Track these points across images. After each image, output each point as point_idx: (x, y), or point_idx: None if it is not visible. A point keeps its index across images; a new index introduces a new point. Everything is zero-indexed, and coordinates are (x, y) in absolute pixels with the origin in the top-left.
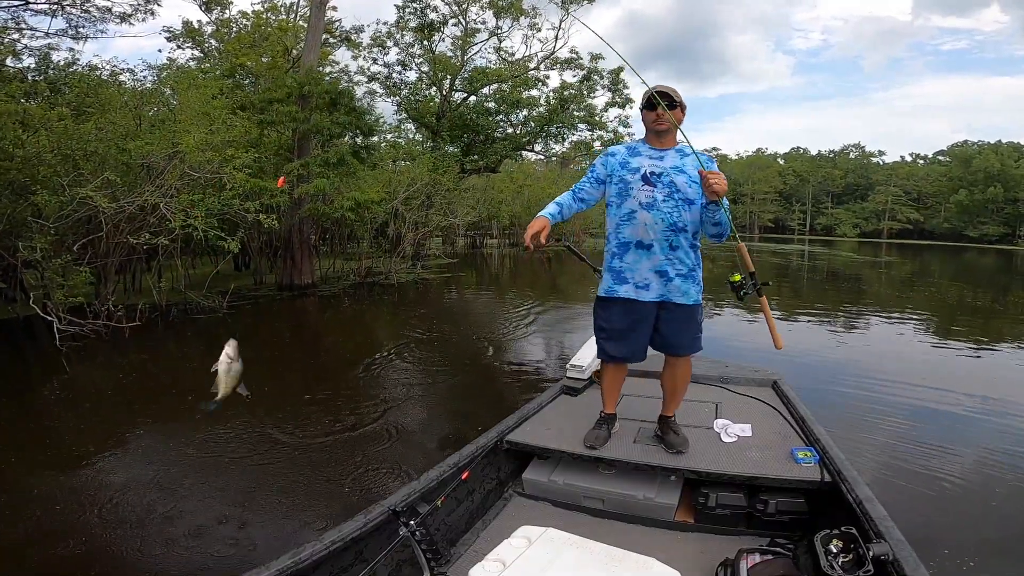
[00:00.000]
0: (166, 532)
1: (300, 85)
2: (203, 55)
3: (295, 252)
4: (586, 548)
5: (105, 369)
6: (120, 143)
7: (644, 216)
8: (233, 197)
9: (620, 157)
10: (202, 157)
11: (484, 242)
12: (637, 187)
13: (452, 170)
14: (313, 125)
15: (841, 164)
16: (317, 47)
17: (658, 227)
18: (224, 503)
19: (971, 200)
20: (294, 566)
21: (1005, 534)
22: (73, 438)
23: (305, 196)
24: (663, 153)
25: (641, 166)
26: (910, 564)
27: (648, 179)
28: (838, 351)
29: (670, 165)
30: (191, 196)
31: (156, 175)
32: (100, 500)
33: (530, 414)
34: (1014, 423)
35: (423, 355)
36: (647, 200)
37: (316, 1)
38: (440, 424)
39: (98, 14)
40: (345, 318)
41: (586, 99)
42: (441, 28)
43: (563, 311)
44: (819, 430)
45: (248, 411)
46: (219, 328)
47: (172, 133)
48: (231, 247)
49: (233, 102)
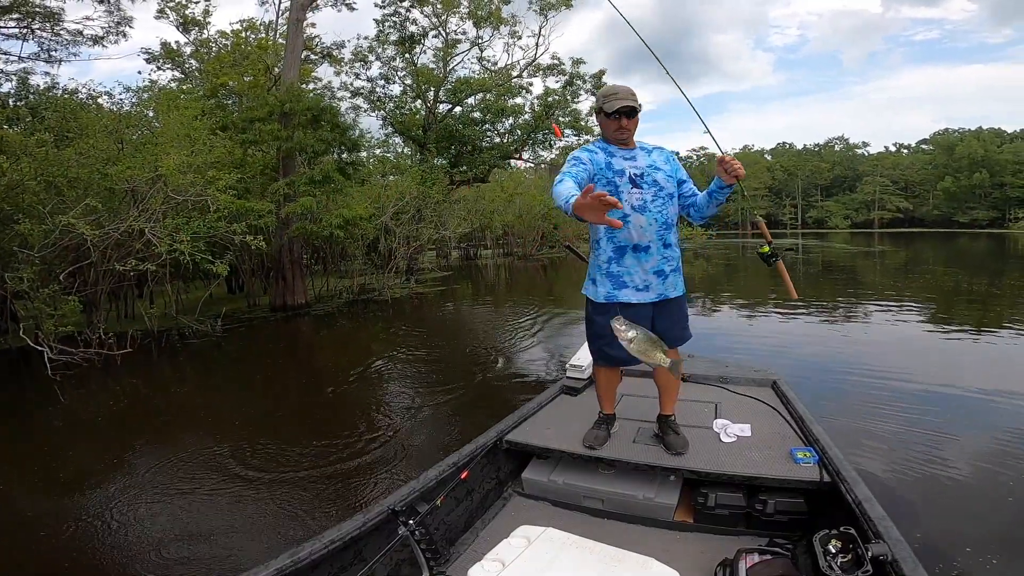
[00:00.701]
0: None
1: (281, 103)
2: (184, 76)
3: (286, 272)
4: (585, 548)
5: (95, 397)
6: (101, 168)
7: (638, 219)
8: (218, 219)
9: (603, 157)
10: (184, 180)
11: (478, 253)
12: (627, 191)
13: (441, 182)
14: (296, 143)
15: (827, 157)
16: (296, 64)
17: (652, 228)
18: (194, 520)
19: (957, 187)
20: (293, 566)
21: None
22: (60, 464)
23: (292, 215)
24: (633, 153)
25: (623, 168)
26: (909, 564)
27: (635, 181)
28: (838, 343)
29: (646, 164)
30: (176, 220)
31: (140, 200)
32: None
33: (530, 414)
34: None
35: (417, 372)
36: (638, 203)
37: (293, 18)
38: (443, 444)
39: (69, 37)
40: (338, 337)
41: (571, 104)
42: (422, 40)
43: (564, 316)
44: (818, 430)
45: (216, 435)
46: (213, 352)
47: (153, 156)
48: (219, 270)
49: (214, 122)
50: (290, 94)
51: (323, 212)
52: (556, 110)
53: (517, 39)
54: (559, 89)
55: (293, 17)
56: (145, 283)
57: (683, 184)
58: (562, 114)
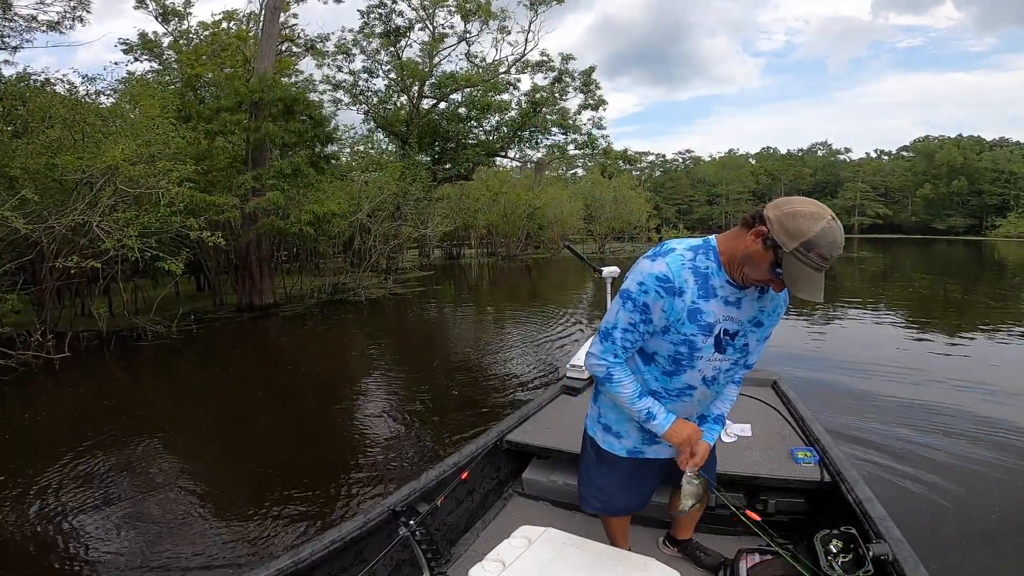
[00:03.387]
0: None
1: (252, 92)
2: (162, 67)
3: (253, 270)
4: (586, 548)
5: (30, 404)
6: (50, 158)
7: (703, 393)
8: (172, 214)
9: (688, 299)
10: (136, 171)
11: (462, 252)
12: (707, 356)
13: (423, 179)
14: (264, 134)
15: (810, 162)
16: (272, 53)
17: (708, 399)
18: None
19: (936, 193)
20: (293, 566)
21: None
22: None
23: (259, 210)
24: (742, 294)
25: (715, 319)
26: (909, 564)
27: (721, 342)
28: (826, 348)
29: (748, 316)
30: (126, 214)
31: (89, 192)
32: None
33: (530, 414)
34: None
35: (383, 383)
36: (712, 374)
37: (271, 5)
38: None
39: (23, 23)
40: (305, 341)
41: (558, 102)
42: (407, 33)
43: (546, 320)
44: (819, 430)
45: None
46: (165, 355)
47: (105, 147)
48: (171, 267)
49: (175, 112)
50: (262, 83)
51: (293, 208)
52: (543, 107)
53: (506, 34)
54: (547, 86)
55: (271, 4)
56: (98, 281)
57: (759, 344)
58: (550, 112)
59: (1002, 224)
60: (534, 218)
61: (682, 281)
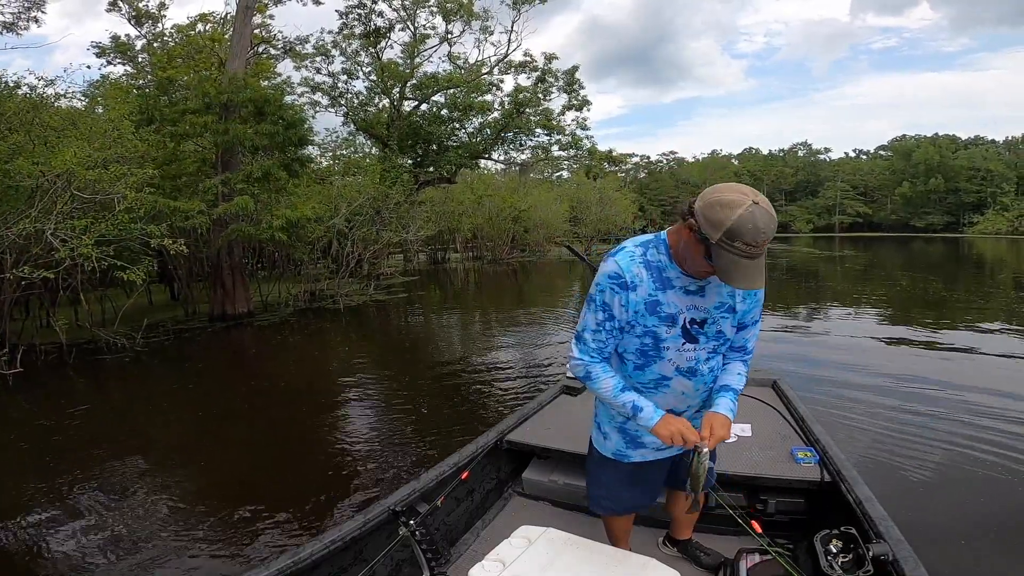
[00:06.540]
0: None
1: (220, 93)
2: (136, 71)
3: (225, 278)
4: (586, 548)
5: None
6: (2, 163)
7: (681, 384)
8: (132, 220)
9: (643, 293)
10: (91, 175)
11: (447, 256)
12: (675, 347)
13: (405, 182)
14: (232, 137)
15: (791, 162)
16: (244, 53)
17: (698, 393)
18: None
19: (914, 192)
20: (293, 566)
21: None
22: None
23: (228, 216)
24: (702, 284)
25: (678, 310)
26: (909, 564)
27: (689, 331)
28: (818, 346)
29: (714, 303)
30: (81, 221)
31: (42, 198)
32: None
33: (530, 414)
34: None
35: (365, 398)
36: (687, 365)
37: (243, 4)
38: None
39: None
40: (278, 352)
41: (542, 102)
42: (388, 34)
43: (532, 324)
44: (819, 430)
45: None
46: (132, 367)
47: (50, 149)
48: (131, 277)
49: (140, 114)
50: (232, 84)
51: (264, 213)
52: (527, 107)
53: (488, 35)
54: (530, 86)
55: (243, 3)
56: (59, 292)
57: (745, 329)
58: (533, 112)
59: (979, 221)
60: (519, 221)
61: (633, 276)
